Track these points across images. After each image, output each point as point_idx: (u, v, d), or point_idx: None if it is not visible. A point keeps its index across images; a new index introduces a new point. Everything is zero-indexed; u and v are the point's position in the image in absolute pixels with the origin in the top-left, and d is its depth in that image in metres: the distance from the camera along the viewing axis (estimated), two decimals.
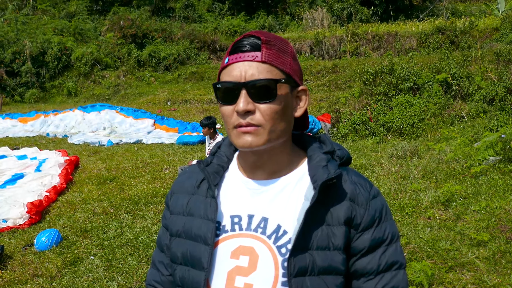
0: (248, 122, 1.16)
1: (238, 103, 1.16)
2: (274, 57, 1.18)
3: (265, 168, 1.27)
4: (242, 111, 1.15)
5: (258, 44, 1.18)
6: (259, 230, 1.22)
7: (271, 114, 1.17)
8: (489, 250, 4.13)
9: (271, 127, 1.17)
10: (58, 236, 5.53)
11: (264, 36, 1.19)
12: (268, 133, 1.17)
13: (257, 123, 1.16)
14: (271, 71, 1.17)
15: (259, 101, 1.16)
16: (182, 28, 26.74)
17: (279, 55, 1.19)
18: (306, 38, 23.34)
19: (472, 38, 18.12)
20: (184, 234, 1.29)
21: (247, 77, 1.16)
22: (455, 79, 11.38)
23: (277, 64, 1.18)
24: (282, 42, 1.22)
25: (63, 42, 24.03)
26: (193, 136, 12.11)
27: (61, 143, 12.65)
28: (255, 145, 1.18)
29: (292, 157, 1.30)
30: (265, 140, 1.18)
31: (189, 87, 20.48)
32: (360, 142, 10.53)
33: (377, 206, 1.25)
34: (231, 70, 1.18)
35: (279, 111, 1.18)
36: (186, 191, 1.36)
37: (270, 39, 1.19)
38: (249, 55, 1.17)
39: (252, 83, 1.15)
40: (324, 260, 1.17)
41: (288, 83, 1.20)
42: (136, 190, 7.39)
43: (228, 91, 1.18)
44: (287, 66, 1.20)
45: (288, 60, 1.21)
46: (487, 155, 6.61)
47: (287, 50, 1.22)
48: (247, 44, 1.18)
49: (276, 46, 1.20)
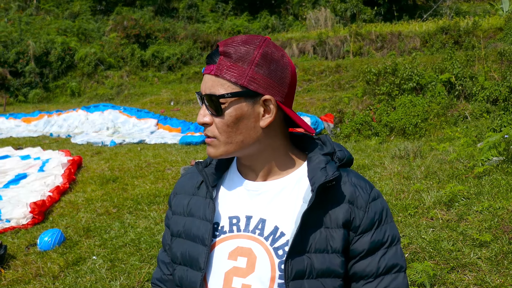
0: (205, 134, 1.22)
1: (198, 114, 1.22)
2: (226, 69, 1.15)
3: (256, 171, 1.27)
4: (199, 123, 1.21)
5: (215, 55, 1.19)
6: (257, 231, 1.22)
7: (222, 127, 1.19)
8: (492, 251, 4.11)
9: (226, 139, 1.20)
10: (61, 236, 5.54)
11: (224, 47, 1.17)
12: (224, 144, 1.20)
13: (212, 135, 1.21)
14: (222, 85, 1.16)
15: (211, 114, 1.20)
16: (185, 28, 26.77)
17: (235, 65, 1.15)
18: (309, 38, 23.31)
19: (476, 38, 18.06)
20: (184, 235, 1.30)
21: (205, 90, 1.19)
22: (458, 79, 11.35)
23: (229, 77, 1.15)
24: (246, 49, 1.17)
25: (67, 42, 24.09)
26: (196, 136, 12.11)
27: (64, 143, 12.68)
28: (213, 155, 1.23)
29: (289, 159, 1.29)
30: (222, 151, 1.21)
31: (192, 87, 20.49)
32: (363, 142, 10.52)
33: (377, 209, 1.24)
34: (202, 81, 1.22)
35: (230, 124, 1.18)
36: (187, 192, 1.37)
37: (228, 49, 1.16)
38: (208, 68, 1.20)
39: (206, 97, 1.19)
40: (323, 263, 1.17)
41: (239, 95, 1.16)
42: (139, 190, 7.40)
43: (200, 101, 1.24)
44: (242, 77, 1.15)
45: (247, 70, 1.15)
46: (490, 155, 6.59)
47: (248, 58, 1.16)
48: (209, 56, 1.21)
49: (236, 55, 1.16)
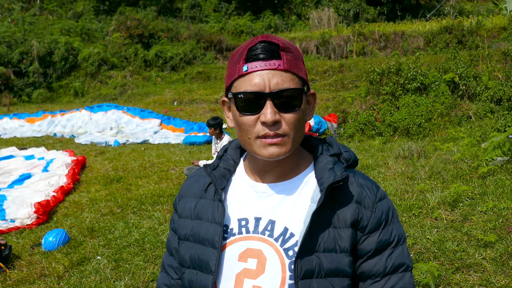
0: (275, 133, 1.15)
1: (265, 114, 1.13)
2: (293, 65, 1.16)
3: (274, 173, 1.27)
4: (271, 122, 1.13)
5: (276, 51, 1.15)
6: (266, 232, 1.23)
7: (295, 123, 1.16)
8: (496, 251, 4.11)
9: (294, 136, 1.18)
10: (65, 236, 5.55)
11: (281, 42, 1.17)
12: (292, 142, 1.18)
13: (283, 133, 1.15)
14: (293, 79, 1.15)
15: (285, 111, 1.15)
16: (188, 28, 26.81)
17: (296, 62, 1.18)
18: (312, 38, 23.31)
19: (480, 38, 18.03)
20: (192, 238, 1.30)
21: (271, 87, 1.13)
22: (462, 79, 11.32)
23: (297, 72, 1.17)
24: (295, 47, 1.21)
25: (70, 42, 24.16)
26: (199, 136, 12.12)
27: (68, 143, 12.72)
28: (282, 155, 1.17)
29: (299, 160, 1.30)
30: (289, 149, 1.18)
31: (196, 87, 20.50)
32: (366, 142, 10.50)
33: (384, 209, 1.25)
34: (252, 79, 1.14)
35: (301, 119, 1.18)
36: (194, 195, 1.36)
37: (286, 46, 1.17)
38: (270, 63, 1.14)
39: (278, 93, 1.13)
40: (331, 262, 1.18)
41: (307, 89, 1.21)
42: (143, 190, 7.41)
43: (250, 101, 1.15)
44: (302, 72, 1.19)
45: (302, 66, 1.20)
46: (495, 155, 6.57)
47: (299, 55, 1.21)
48: (266, 51, 1.15)
49: (292, 52, 1.18)
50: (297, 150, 1.29)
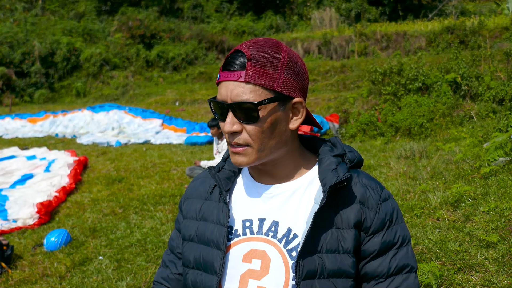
0: (235, 142, 1.18)
1: (225, 124, 1.17)
2: (258, 75, 1.14)
3: (273, 175, 1.28)
4: (228, 132, 1.17)
5: (243, 62, 1.15)
6: (270, 233, 1.23)
7: (257, 134, 1.17)
8: (499, 252, 4.10)
9: (259, 146, 1.18)
10: (67, 236, 5.56)
11: (251, 52, 1.15)
12: (257, 152, 1.18)
13: (244, 143, 1.18)
14: (255, 91, 1.14)
15: (244, 122, 1.16)
16: (190, 28, 26.84)
17: (265, 71, 1.14)
18: (314, 38, 23.30)
19: (482, 38, 18.00)
20: (197, 239, 1.31)
21: (232, 97, 1.15)
22: (464, 79, 11.30)
23: (262, 83, 1.14)
24: (274, 53, 1.17)
25: (72, 43, 24.20)
26: (201, 137, 12.12)
27: (70, 144, 12.73)
28: (245, 164, 1.20)
29: (302, 161, 1.30)
30: (254, 158, 1.19)
31: (197, 87, 20.53)
32: (368, 143, 10.50)
33: (388, 209, 1.25)
34: (220, 88, 1.18)
35: (265, 130, 1.17)
36: (200, 196, 1.37)
37: (256, 54, 1.15)
38: (234, 75, 1.15)
39: (236, 105, 1.15)
40: (334, 263, 1.18)
41: (274, 101, 1.16)
42: (145, 191, 7.42)
43: (218, 109, 1.19)
44: (275, 82, 1.15)
45: (277, 74, 1.16)
46: (497, 155, 6.55)
47: (277, 63, 1.16)
48: (234, 62, 1.16)
49: (264, 60, 1.15)
50: (296, 152, 1.29)
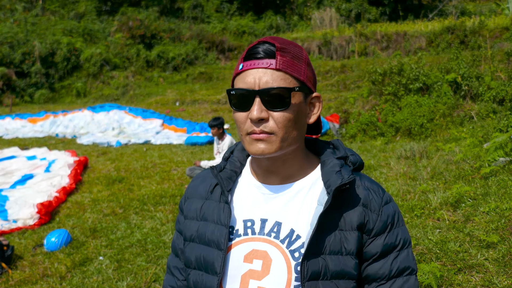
0: (261, 130, 1.17)
1: (252, 111, 1.16)
2: (288, 65, 1.17)
3: (278, 174, 1.28)
4: (256, 118, 1.15)
5: (273, 51, 1.17)
6: (273, 234, 1.23)
7: (284, 122, 1.17)
8: (499, 252, 4.10)
9: (283, 135, 1.18)
10: (68, 237, 5.56)
11: (279, 43, 1.18)
12: (281, 140, 1.18)
13: (270, 130, 1.17)
14: (285, 79, 1.16)
15: (273, 109, 1.16)
16: (190, 28, 26.85)
17: (293, 62, 1.19)
18: (314, 38, 23.32)
19: (482, 38, 17.99)
20: (198, 239, 1.30)
21: (261, 85, 1.16)
22: (464, 79, 11.30)
23: (291, 72, 1.17)
24: (296, 48, 1.21)
25: (72, 43, 24.21)
26: (201, 137, 12.13)
27: (70, 144, 12.74)
28: (267, 152, 1.18)
29: (306, 163, 1.31)
30: (277, 147, 1.18)
31: (198, 88, 20.53)
32: (368, 143, 10.50)
33: (390, 212, 1.26)
34: (245, 77, 1.17)
35: (292, 119, 1.18)
36: (200, 196, 1.37)
37: (284, 46, 1.19)
38: (263, 62, 1.16)
39: (266, 91, 1.15)
40: (337, 265, 1.19)
41: (302, 90, 1.20)
42: (145, 191, 7.42)
43: (242, 97, 1.18)
44: (301, 73, 1.20)
45: (302, 67, 1.20)
46: (497, 156, 6.55)
47: (301, 56, 1.21)
48: (262, 51, 1.17)
49: (291, 53, 1.19)
50: (302, 152, 1.30)
